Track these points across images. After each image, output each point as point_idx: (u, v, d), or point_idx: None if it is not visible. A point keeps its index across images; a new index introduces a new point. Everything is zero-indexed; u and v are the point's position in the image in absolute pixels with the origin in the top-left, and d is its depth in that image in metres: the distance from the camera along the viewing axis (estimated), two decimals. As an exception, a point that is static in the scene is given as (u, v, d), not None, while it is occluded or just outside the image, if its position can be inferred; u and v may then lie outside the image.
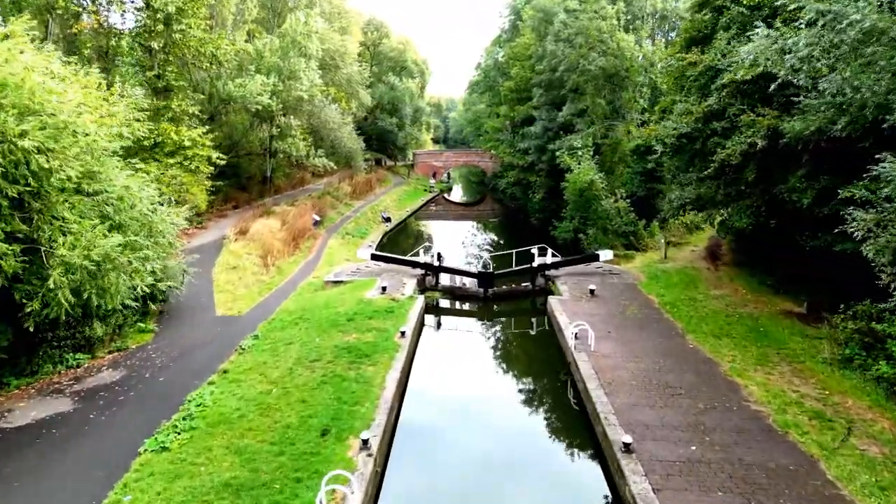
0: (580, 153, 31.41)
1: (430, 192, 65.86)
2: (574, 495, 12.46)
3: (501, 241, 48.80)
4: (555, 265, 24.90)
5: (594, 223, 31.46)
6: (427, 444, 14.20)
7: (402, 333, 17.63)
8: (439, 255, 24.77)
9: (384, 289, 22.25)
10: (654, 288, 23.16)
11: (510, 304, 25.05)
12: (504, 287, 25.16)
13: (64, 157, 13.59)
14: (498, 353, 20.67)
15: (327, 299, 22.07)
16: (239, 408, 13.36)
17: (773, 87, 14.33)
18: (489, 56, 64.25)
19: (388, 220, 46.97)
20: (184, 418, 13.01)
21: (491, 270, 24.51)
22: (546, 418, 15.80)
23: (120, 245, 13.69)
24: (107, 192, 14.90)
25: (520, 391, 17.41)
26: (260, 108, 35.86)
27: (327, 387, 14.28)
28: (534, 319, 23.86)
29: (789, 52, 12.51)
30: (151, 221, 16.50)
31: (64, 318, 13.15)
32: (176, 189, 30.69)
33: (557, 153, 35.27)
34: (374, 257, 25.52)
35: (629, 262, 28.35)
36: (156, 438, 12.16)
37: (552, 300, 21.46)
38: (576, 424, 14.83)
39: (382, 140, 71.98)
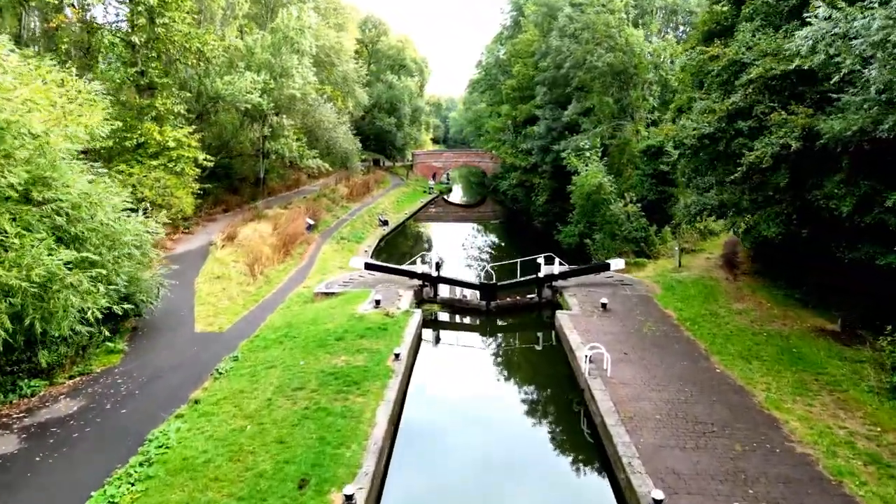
0: (588, 154, 29.63)
1: (430, 193, 64.16)
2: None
3: (503, 244, 47.13)
4: (562, 275, 23.12)
5: (602, 228, 29.72)
6: (422, 497, 12.39)
7: (396, 356, 15.86)
8: (438, 265, 22.97)
9: (378, 302, 20.49)
10: (670, 301, 21.40)
11: (515, 317, 23.25)
12: (508, 299, 23.36)
13: (7, 161, 11.86)
14: (501, 375, 18.85)
15: (316, 314, 20.30)
16: (206, 450, 11.60)
17: (835, 79, 12.51)
18: (490, 54, 62.50)
19: (385, 223, 45.24)
20: (141, 463, 11.25)
21: (494, 281, 22.71)
22: (558, 458, 13.95)
23: (70, 262, 11.93)
24: (60, 200, 13.12)
25: (527, 424, 15.53)
26: (249, 106, 34.12)
27: (309, 423, 12.52)
28: (540, 334, 22.08)
29: (856, 38, 10.73)
30: (115, 232, 14.70)
31: (1, 348, 11.38)
32: (159, 193, 29.07)
33: (563, 154, 33.53)
34: (368, 267, 23.75)
35: (640, 270, 26.59)
36: (105, 491, 10.39)
37: (561, 315, 19.69)
38: (592, 467, 13.07)
39: (380, 140, 70.24)
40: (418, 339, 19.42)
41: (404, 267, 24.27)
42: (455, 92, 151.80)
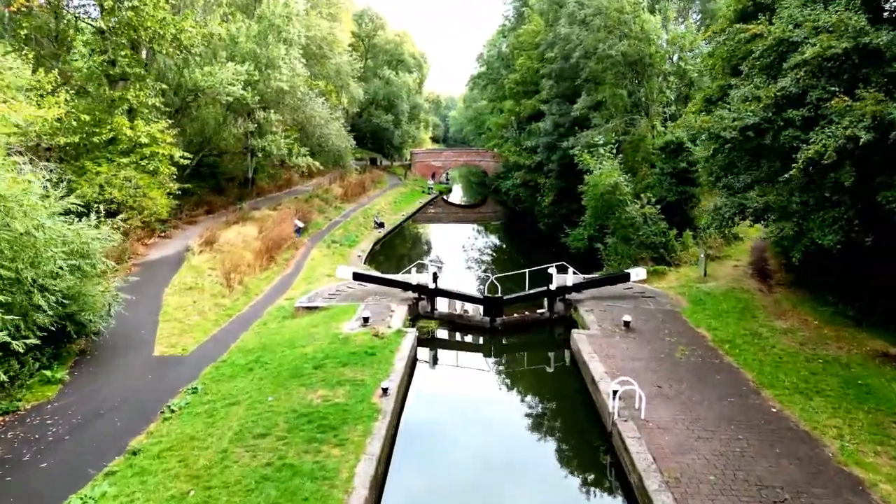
0: (602, 151, 26.91)
1: (429, 193, 61.50)
2: None
3: (505, 247, 44.72)
4: (577, 287, 20.41)
5: (616, 232, 26.99)
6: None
7: (384, 391, 13.17)
8: (435, 275, 20.23)
9: (366, 320, 17.79)
10: (701, 317, 18.71)
11: (523, 336, 20.49)
12: (515, 315, 20.59)
13: None
14: (509, 411, 15.72)
15: (294, 334, 17.61)
16: (130, 530, 8.93)
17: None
18: (492, 46, 59.71)
19: (381, 225, 42.59)
20: (43, 550, 8.59)
21: (499, 295, 19.96)
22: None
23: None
24: (-40, 204, 10.46)
25: (543, 481, 12.64)
26: (231, 99, 31.43)
27: (269, 488, 9.83)
28: (551, 354, 19.39)
29: None
30: (35, 241, 12.02)
31: None
32: (130, 194, 26.46)
33: (572, 151, 30.84)
34: (356, 277, 21.03)
35: (661, 280, 23.89)
36: None
37: (578, 336, 16.96)
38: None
39: (377, 138, 67.58)
40: (412, 364, 16.72)
41: (398, 277, 21.57)
42: (455, 91, 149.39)
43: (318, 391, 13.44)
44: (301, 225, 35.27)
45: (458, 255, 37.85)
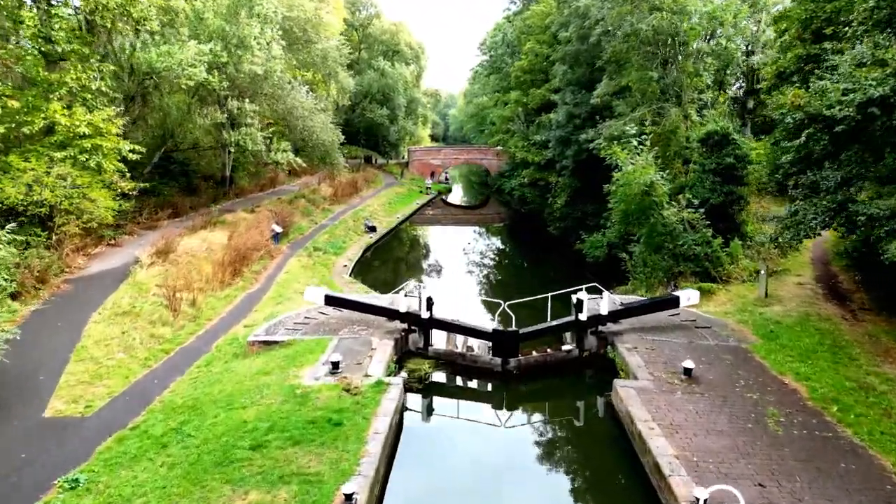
0: (633, 143, 22.29)
1: (427, 193, 57.06)
2: None
3: (509, 251, 40.60)
4: (612, 315, 15.78)
5: (649, 239, 22.41)
6: None
7: (348, 498, 8.60)
8: (430, 301, 15.57)
9: (335, 365, 13.19)
10: (781, 358, 14.11)
11: (546, 381, 15.65)
12: (534, 353, 15.86)
13: None
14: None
15: (237, 385, 13.01)
16: None
17: None
18: (496, 32, 54.99)
19: (372, 229, 38.16)
20: None
21: (513, 328, 15.30)
22: None
23: None
24: None
25: None
26: (193, 84, 26.90)
27: None
28: (580, 404, 14.87)
29: None
30: None
31: None
32: (66, 195, 21.96)
33: (594, 145, 26.34)
34: (329, 301, 16.42)
35: (710, 301, 19.36)
36: None
37: (624, 392, 12.33)
38: None
39: (372, 135, 62.94)
40: (396, 434, 12.11)
41: (383, 302, 17.01)
42: (454, 89, 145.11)
43: (250, 494, 8.88)
44: (279, 230, 30.79)
45: (459, 265, 33.49)
